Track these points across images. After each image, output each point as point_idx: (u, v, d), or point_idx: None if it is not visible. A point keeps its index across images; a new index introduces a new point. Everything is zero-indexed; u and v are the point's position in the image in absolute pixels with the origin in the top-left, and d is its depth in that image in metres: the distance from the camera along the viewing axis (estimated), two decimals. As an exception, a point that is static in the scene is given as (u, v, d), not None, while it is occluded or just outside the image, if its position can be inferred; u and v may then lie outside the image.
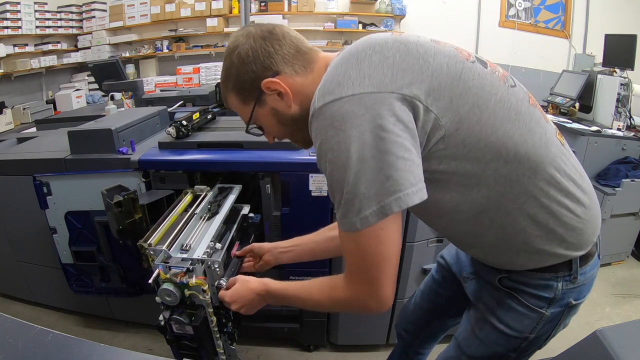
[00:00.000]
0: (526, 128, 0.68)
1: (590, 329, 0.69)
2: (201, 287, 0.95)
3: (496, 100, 0.67)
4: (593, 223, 0.76)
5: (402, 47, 0.65)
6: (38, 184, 1.51)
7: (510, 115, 0.67)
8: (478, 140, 0.65)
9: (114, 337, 1.85)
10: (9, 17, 4.18)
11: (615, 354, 0.59)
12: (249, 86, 0.75)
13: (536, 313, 0.77)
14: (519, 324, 0.79)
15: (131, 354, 0.63)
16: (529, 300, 0.77)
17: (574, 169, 0.74)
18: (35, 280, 1.92)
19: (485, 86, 0.67)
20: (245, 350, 1.75)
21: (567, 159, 0.74)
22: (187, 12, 4.94)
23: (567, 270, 0.75)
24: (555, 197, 0.70)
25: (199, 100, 2.52)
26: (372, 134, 0.59)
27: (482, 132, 0.65)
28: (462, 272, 0.97)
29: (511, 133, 0.67)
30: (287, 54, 0.74)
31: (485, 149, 0.66)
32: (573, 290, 0.77)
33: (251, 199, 1.49)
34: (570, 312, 0.80)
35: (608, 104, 2.66)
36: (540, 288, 0.76)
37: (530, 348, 0.82)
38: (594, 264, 0.79)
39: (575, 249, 0.74)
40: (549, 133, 0.73)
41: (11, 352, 0.58)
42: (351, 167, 0.60)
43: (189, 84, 4.99)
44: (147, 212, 1.37)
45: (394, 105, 0.60)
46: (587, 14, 4.68)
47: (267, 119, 0.79)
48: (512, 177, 0.68)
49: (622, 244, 2.52)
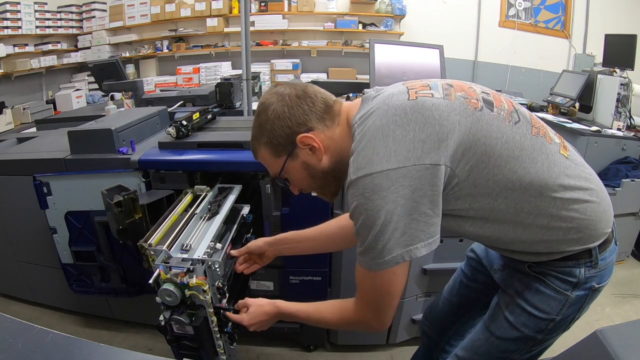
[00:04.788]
0: (528, 160, 0.77)
1: (590, 329, 0.68)
2: (201, 287, 0.95)
3: (502, 143, 0.76)
4: (605, 216, 0.83)
5: (420, 117, 0.74)
6: (38, 184, 1.51)
7: (514, 154, 0.76)
8: (487, 180, 0.76)
9: (114, 337, 1.85)
10: (9, 17, 4.18)
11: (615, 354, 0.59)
12: (283, 141, 0.83)
13: (562, 295, 0.84)
14: (546, 305, 0.85)
15: (131, 354, 0.63)
16: (555, 283, 0.84)
17: (579, 177, 0.81)
18: (35, 280, 1.92)
19: (492, 132, 0.76)
20: (245, 350, 1.75)
21: (572, 169, 0.81)
22: (187, 12, 4.95)
23: (588, 258, 0.83)
24: (563, 206, 0.78)
25: (199, 100, 2.53)
26: (394, 203, 0.71)
27: (489, 174, 0.76)
28: (493, 264, 1.04)
29: (515, 169, 0.76)
30: (318, 111, 0.83)
31: (494, 186, 0.76)
32: (595, 275, 0.84)
33: (251, 199, 1.49)
34: (594, 295, 0.86)
35: (608, 104, 2.66)
36: (565, 274, 0.84)
37: (556, 330, 0.88)
38: (612, 249, 0.86)
39: (592, 241, 0.82)
40: (552, 154, 0.80)
41: (11, 352, 0.58)
42: (376, 226, 0.72)
43: (189, 84, 5.00)
44: (147, 212, 1.37)
45: (415, 175, 0.71)
46: (587, 14, 4.68)
47: (297, 172, 0.87)
48: (521, 200, 0.77)
49: (622, 244, 2.51)
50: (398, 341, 1.73)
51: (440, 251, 1.59)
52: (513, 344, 0.91)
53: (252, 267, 1.18)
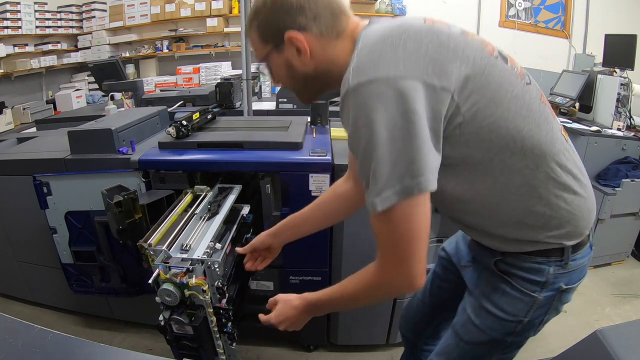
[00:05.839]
0: (534, 124, 0.72)
1: (590, 329, 0.69)
2: (201, 287, 0.95)
3: (512, 96, 0.71)
4: (587, 216, 0.81)
5: (435, 38, 0.67)
6: (38, 184, 1.51)
7: (522, 112, 0.72)
8: (490, 132, 0.70)
9: (114, 337, 1.85)
10: (9, 17, 4.18)
11: (615, 354, 0.59)
12: (273, 31, 0.76)
13: (529, 297, 0.81)
14: (513, 307, 0.82)
15: (131, 354, 0.63)
16: (521, 285, 0.81)
17: (575, 165, 0.78)
18: (35, 280, 1.92)
19: (504, 83, 0.71)
20: (245, 350, 1.75)
21: (570, 154, 0.78)
22: (187, 12, 4.94)
23: (558, 256, 0.79)
24: (553, 190, 0.75)
25: (199, 100, 2.53)
26: (403, 117, 0.62)
27: (494, 125, 0.70)
28: (461, 261, 1.01)
29: (520, 128, 0.71)
30: (319, 14, 0.74)
31: (496, 140, 0.70)
32: (564, 275, 0.80)
33: (251, 199, 1.49)
34: (562, 297, 0.83)
35: (608, 104, 2.65)
36: (533, 272, 0.80)
37: (525, 332, 0.85)
38: (585, 252, 0.83)
39: (568, 239, 0.78)
40: (555, 130, 0.77)
41: (11, 352, 0.58)
42: (380, 145, 0.63)
43: (189, 84, 4.99)
44: (147, 212, 1.37)
45: (425, 92, 0.63)
46: (587, 14, 4.67)
47: (279, 67, 0.81)
48: (516, 169, 0.73)
49: (622, 244, 2.52)
50: (398, 341, 1.73)
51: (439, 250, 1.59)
52: (483, 348, 0.89)
53: (264, 262, 1.14)
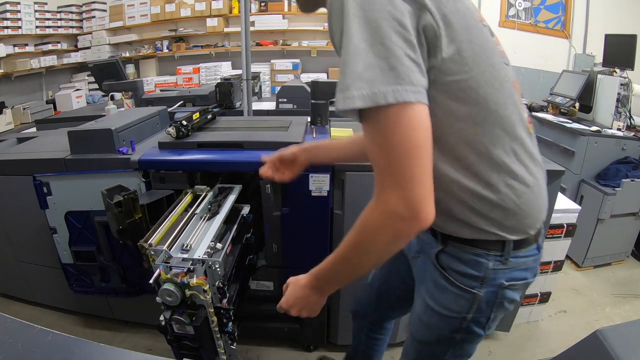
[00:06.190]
0: (502, 101, 0.70)
1: (590, 329, 0.69)
2: (202, 287, 0.95)
3: (490, 64, 0.69)
4: (535, 215, 0.78)
5: None
6: (38, 184, 1.51)
7: (495, 84, 0.70)
8: (460, 89, 0.67)
9: (114, 337, 1.85)
10: (9, 17, 4.18)
11: (615, 354, 0.59)
12: None
13: (469, 293, 0.80)
14: (455, 304, 0.81)
15: (131, 354, 0.63)
16: (460, 281, 0.80)
17: (533, 159, 0.76)
18: (35, 280, 1.92)
19: (487, 49, 0.70)
20: (245, 350, 1.75)
21: (529, 148, 0.76)
22: (187, 12, 4.94)
23: (499, 250, 0.77)
24: (504, 177, 0.72)
25: (199, 100, 2.53)
26: (390, 25, 0.58)
27: (466, 83, 0.67)
28: (411, 251, 1.00)
29: (489, 97, 0.69)
30: None
31: (462, 102, 0.68)
32: (504, 271, 0.78)
33: (251, 199, 1.49)
34: (505, 294, 0.80)
35: (608, 104, 2.66)
36: (471, 265, 0.78)
37: (473, 328, 0.84)
38: (531, 252, 0.80)
39: (510, 233, 0.76)
40: (521, 116, 0.75)
41: (11, 352, 0.58)
42: (359, 43, 0.58)
43: (189, 84, 4.99)
44: (147, 212, 1.37)
45: (415, 10, 0.60)
46: (587, 14, 4.67)
47: None
48: (473, 141, 0.70)
49: (622, 244, 2.52)
50: (398, 341, 1.73)
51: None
52: (434, 346, 0.89)
53: (282, 176, 1.11)
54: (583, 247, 2.42)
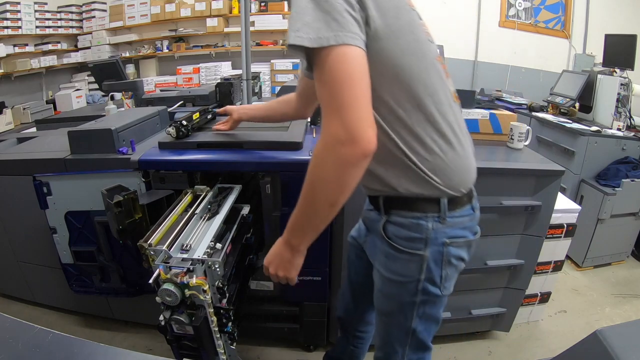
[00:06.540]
0: (424, 68, 0.80)
1: (590, 329, 0.69)
2: (201, 287, 0.95)
3: (414, 38, 0.80)
4: (464, 175, 0.87)
5: None
6: (38, 184, 1.51)
7: (418, 54, 0.80)
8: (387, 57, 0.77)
9: (114, 337, 1.85)
10: (9, 17, 4.18)
11: (615, 354, 0.59)
12: None
13: (416, 256, 0.87)
14: (406, 269, 0.89)
15: (131, 354, 0.62)
16: (406, 246, 0.88)
17: (458, 127, 0.86)
18: (35, 280, 1.92)
19: (412, 26, 0.80)
20: (245, 350, 1.76)
21: (455, 117, 0.85)
22: (187, 12, 4.94)
23: (435, 211, 0.85)
24: (430, 133, 0.81)
25: (199, 100, 2.52)
26: None
27: (394, 49, 0.77)
28: (362, 237, 1.08)
29: (413, 63, 0.79)
30: None
31: (394, 62, 0.77)
32: (444, 230, 0.86)
33: (251, 199, 1.49)
34: (451, 251, 0.88)
35: (608, 104, 2.66)
36: (414, 228, 0.86)
37: (429, 289, 0.90)
38: (465, 212, 0.89)
39: (442, 187, 0.84)
40: (445, 86, 0.85)
41: (11, 352, 0.58)
42: (307, 2, 0.71)
43: (189, 84, 4.99)
44: (147, 212, 1.37)
45: None
46: (587, 14, 4.68)
47: None
48: (402, 100, 0.79)
49: (622, 244, 2.52)
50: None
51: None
52: (400, 315, 0.94)
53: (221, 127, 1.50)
54: (583, 247, 2.42)
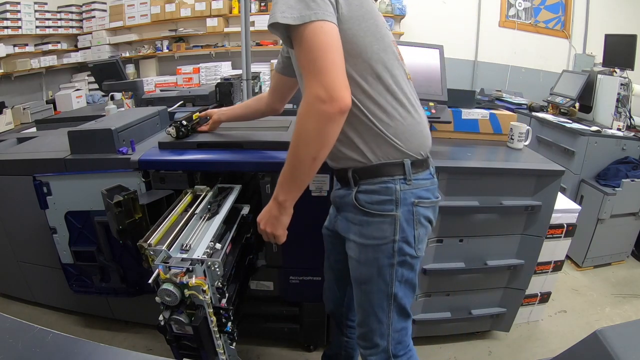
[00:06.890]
0: (382, 47, 0.93)
1: (590, 329, 0.69)
2: (201, 287, 0.95)
3: (374, 23, 0.93)
4: (421, 140, 0.98)
5: None
6: (38, 184, 1.51)
7: (377, 36, 0.93)
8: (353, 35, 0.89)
9: (114, 337, 1.85)
10: (9, 17, 4.18)
11: (615, 354, 0.59)
12: None
13: (389, 217, 0.95)
14: (380, 232, 0.95)
15: (131, 354, 0.62)
16: (379, 209, 0.95)
17: (414, 99, 0.99)
18: (35, 280, 1.92)
19: (373, 15, 0.93)
20: (245, 350, 1.75)
21: (410, 92, 0.98)
22: (187, 12, 4.94)
23: (401, 173, 0.95)
24: (391, 102, 0.93)
25: (199, 100, 2.53)
26: None
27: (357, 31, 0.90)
28: (332, 221, 1.14)
29: (373, 43, 0.92)
30: None
31: (356, 42, 0.90)
32: (411, 190, 0.95)
33: (251, 199, 1.49)
34: (420, 211, 0.97)
35: (608, 104, 2.66)
36: (383, 192, 0.95)
37: (405, 249, 0.96)
38: (426, 175, 0.99)
39: (403, 151, 0.94)
40: (401, 65, 0.98)
41: (11, 352, 0.58)
42: None
43: (189, 84, 4.98)
44: (147, 212, 1.37)
45: None
46: (587, 14, 4.68)
47: None
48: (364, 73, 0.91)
49: (622, 244, 2.52)
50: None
51: (440, 251, 1.59)
52: (378, 280, 0.98)
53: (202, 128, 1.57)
54: (583, 247, 2.42)
